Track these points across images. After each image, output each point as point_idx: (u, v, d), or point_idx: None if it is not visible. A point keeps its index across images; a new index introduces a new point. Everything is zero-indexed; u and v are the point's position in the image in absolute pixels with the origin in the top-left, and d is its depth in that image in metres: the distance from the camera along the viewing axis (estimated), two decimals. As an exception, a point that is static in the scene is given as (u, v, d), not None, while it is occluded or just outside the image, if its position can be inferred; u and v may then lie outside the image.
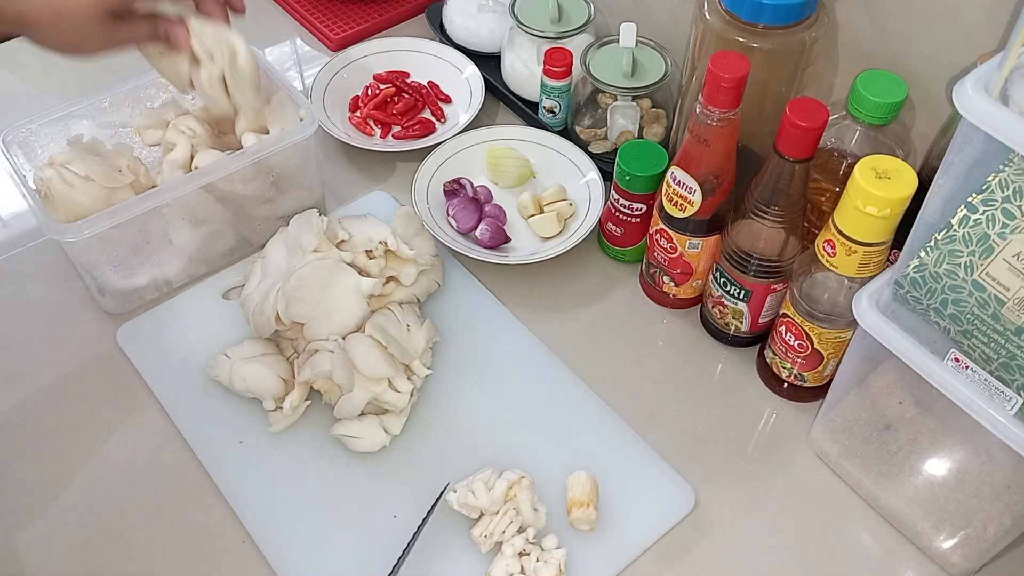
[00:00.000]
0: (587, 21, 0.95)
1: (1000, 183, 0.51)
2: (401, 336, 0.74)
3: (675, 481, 0.69)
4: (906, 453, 0.67)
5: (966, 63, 0.69)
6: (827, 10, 0.74)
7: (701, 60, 0.77)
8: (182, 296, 0.82)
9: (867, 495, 0.70)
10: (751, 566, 0.67)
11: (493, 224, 0.85)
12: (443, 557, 0.65)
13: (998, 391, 0.54)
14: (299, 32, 1.11)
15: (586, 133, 0.93)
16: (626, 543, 0.66)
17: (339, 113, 0.98)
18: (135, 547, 0.67)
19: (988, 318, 0.52)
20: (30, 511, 0.68)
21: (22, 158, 0.79)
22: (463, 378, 0.76)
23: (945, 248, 0.53)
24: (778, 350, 0.73)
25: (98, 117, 0.83)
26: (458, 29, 1.04)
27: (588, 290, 0.85)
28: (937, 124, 0.71)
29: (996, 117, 0.47)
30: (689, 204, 0.72)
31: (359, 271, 0.74)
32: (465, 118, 0.96)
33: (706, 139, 0.68)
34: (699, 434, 0.74)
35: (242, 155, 0.77)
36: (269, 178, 0.81)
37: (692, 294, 0.81)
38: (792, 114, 0.62)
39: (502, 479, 0.65)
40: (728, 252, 0.72)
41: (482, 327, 0.80)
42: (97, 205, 0.74)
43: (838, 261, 0.63)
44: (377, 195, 0.91)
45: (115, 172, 0.77)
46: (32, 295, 0.82)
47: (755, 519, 0.69)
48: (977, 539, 0.64)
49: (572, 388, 0.76)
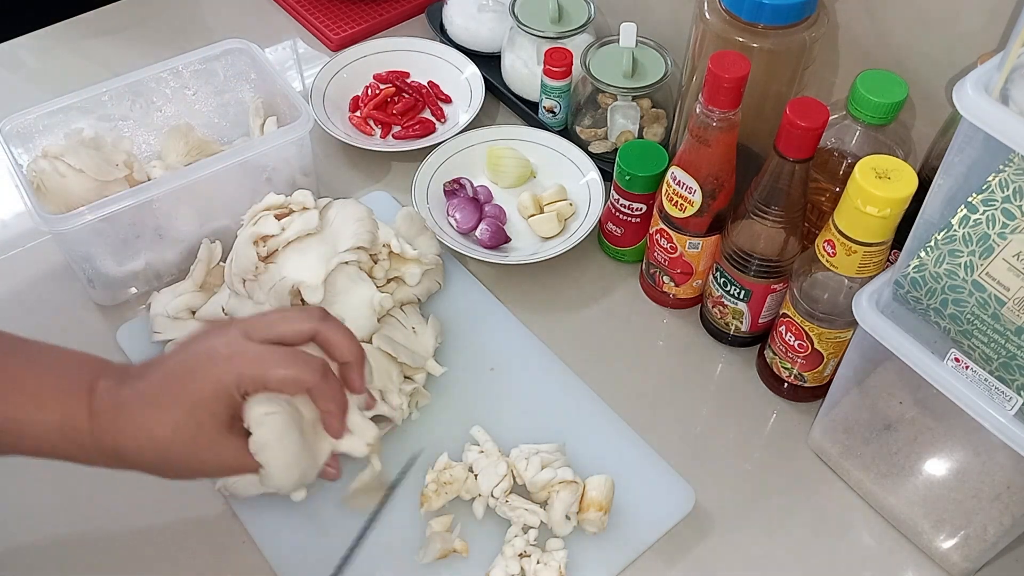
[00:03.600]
0: (587, 21, 0.95)
1: (1000, 183, 0.51)
2: (408, 340, 0.74)
3: (675, 481, 0.69)
4: (906, 453, 0.67)
5: (966, 63, 0.69)
6: (827, 10, 0.74)
7: (701, 60, 0.77)
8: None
9: (867, 495, 0.70)
10: (751, 566, 0.67)
11: (493, 224, 0.85)
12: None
13: (998, 391, 0.54)
14: (299, 32, 1.11)
15: (586, 133, 0.93)
16: (626, 543, 0.66)
17: (339, 113, 0.98)
18: (135, 546, 0.67)
19: (988, 318, 0.52)
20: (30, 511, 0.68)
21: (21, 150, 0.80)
22: (463, 378, 0.76)
23: (945, 248, 0.53)
24: (778, 350, 0.73)
25: (97, 111, 0.84)
26: (458, 29, 1.04)
27: (588, 290, 0.85)
28: (937, 124, 0.71)
29: (996, 117, 0.47)
30: (689, 204, 0.72)
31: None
32: (465, 118, 0.96)
33: (706, 139, 0.68)
34: (699, 434, 0.74)
35: (234, 153, 0.77)
36: (263, 176, 0.81)
37: (692, 294, 0.81)
38: (792, 114, 0.62)
39: (562, 470, 0.65)
40: (728, 252, 0.72)
41: (482, 327, 0.80)
42: (90, 197, 0.75)
43: (838, 261, 0.63)
44: (377, 195, 0.91)
45: (110, 166, 0.77)
46: (32, 295, 0.82)
47: (755, 519, 0.69)
48: (977, 539, 0.64)
49: (572, 388, 0.75)
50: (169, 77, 0.86)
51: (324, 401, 0.58)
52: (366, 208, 0.75)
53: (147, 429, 0.54)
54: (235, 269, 0.70)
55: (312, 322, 0.58)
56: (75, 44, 1.07)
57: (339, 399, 0.59)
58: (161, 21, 1.11)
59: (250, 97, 0.90)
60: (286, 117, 0.87)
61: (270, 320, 0.58)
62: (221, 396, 0.54)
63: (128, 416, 0.54)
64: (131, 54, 1.05)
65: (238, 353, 0.55)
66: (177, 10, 1.12)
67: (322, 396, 0.58)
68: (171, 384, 0.54)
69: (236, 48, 0.87)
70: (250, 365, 0.55)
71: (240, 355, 0.55)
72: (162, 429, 0.53)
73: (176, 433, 0.54)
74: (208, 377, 0.54)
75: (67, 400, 0.54)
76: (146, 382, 0.55)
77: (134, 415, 0.54)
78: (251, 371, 0.55)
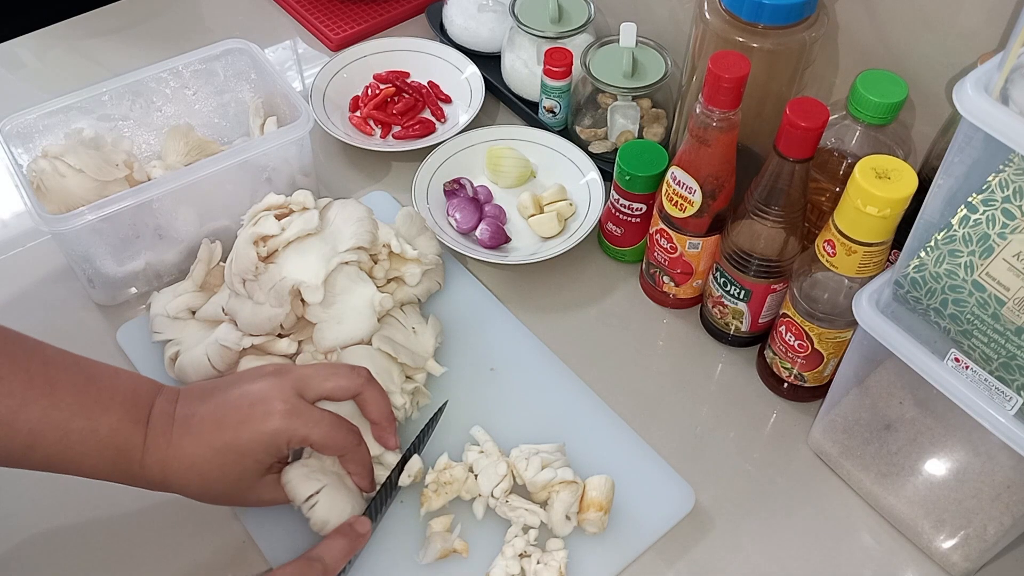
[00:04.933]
0: (587, 21, 0.95)
1: (1000, 183, 0.51)
2: (409, 341, 0.74)
3: (675, 481, 0.69)
4: (906, 453, 0.67)
5: (966, 63, 0.69)
6: (827, 10, 0.74)
7: (701, 60, 0.77)
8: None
9: (867, 495, 0.70)
10: (751, 566, 0.67)
11: (493, 224, 0.85)
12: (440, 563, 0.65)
13: (998, 391, 0.54)
14: (299, 32, 1.11)
15: (586, 133, 0.93)
16: (626, 543, 0.66)
17: (339, 113, 0.98)
18: (135, 546, 0.67)
19: (988, 318, 0.52)
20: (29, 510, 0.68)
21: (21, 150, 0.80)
22: (463, 378, 0.76)
23: (945, 248, 0.53)
24: (778, 350, 0.73)
25: (97, 111, 0.84)
26: (458, 29, 1.04)
27: (588, 290, 0.85)
28: (937, 124, 0.71)
29: (996, 117, 0.47)
30: (689, 204, 0.72)
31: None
32: (465, 118, 0.96)
33: (706, 139, 0.68)
34: (699, 434, 0.74)
35: (234, 153, 0.77)
36: (263, 176, 0.81)
37: (692, 294, 0.81)
38: (792, 114, 0.62)
39: (562, 470, 0.66)
40: (728, 252, 0.72)
41: (482, 327, 0.80)
42: (90, 197, 0.75)
43: (838, 261, 0.63)
44: (377, 195, 0.91)
45: (110, 166, 0.77)
46: (32, 295, 0.82)
47: (755, 519, 0.69)
48: (977, 539, 0.64)
49: (572, 388, 0.76)
50: (169, 77, 0.86)
51: (354, 465, 0.63)
52: (366, 208, 0.75)
53: (197, 467, 0.58)
54: (235, 269, 0.70)
55: (359, 381, 0.63)
56: (75, 44, 1.07)
57: (367, 462, 0.64)
58: (161, 21, 1.11)
59: (250, 97, 0.90)
60: (286, 117, 0.87)
61: (323, 376, 0.62)
62: (270, 449, 0.59)
63: (179, 450, 0.58)
64: (131, 54, 1.05)
65: (292, 411, 0.59)
66: (177, 10, 1.12)
67: (352, 460, 0.63)
68: (223, 428, 0.58)
69: (236, 48, 0.87)
70: (302, 426, 0.59)
71: (294, 414, 0.59)
72: (210, 468, 0.58)
73: (223, 473, 0.58)
74: (262, 429, 0.58)
75: (126, 424, 0.57)
76: (199, 419, 0.59)
77: (185, 449, 0.58)
78: (301, 432, 0.59)
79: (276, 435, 0.58)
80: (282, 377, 0.61)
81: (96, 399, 0.57)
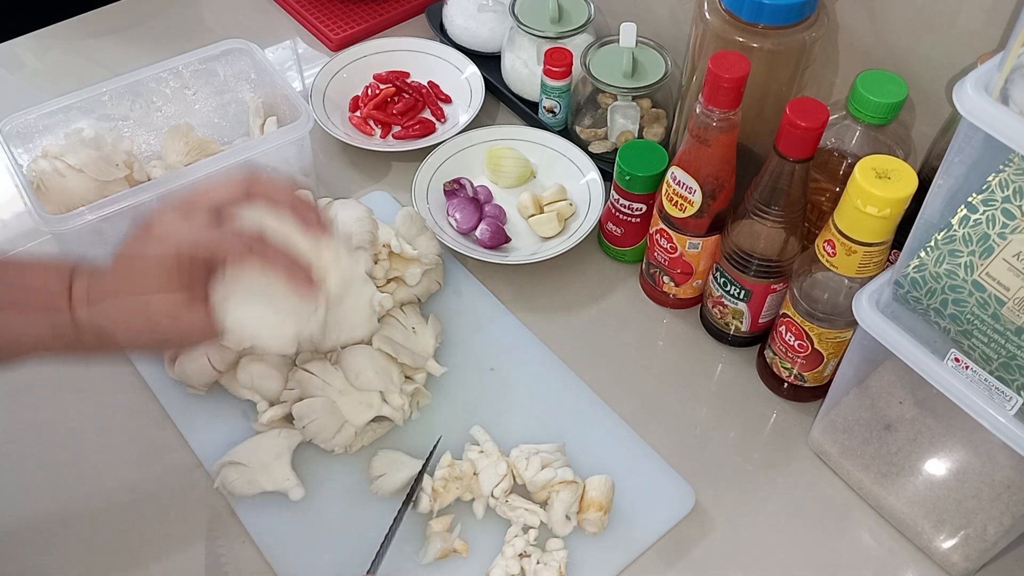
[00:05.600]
0: (587, 21, 0.95)
1: (1000, 183, 0.51)
2: (409, 341, 0.73)
3: (675, 481, 0.69)
4: (906, 453, 0.67)
5: (966, 63, 0.69)
6: (827, 10, 0.74)
7: (701, 60, 0.77)
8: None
9: (867, 495, 0.70)
10: (751, 566, 0.67)
11: (493, 224, 0.85)
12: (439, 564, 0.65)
13: (998, 391, 0.54)
14: (299, 32, 1.11)
15: (586, 133, 0.93)
16: (626, 543, 0.66)
17: (339, 113, 0.98)
18: (134, 546, 0.67)
19: (988, 318, 0.52)
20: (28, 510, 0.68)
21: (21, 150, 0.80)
22: (463, 378, 0.76)
23: (945, 248, 0.53)
24: (778, 350, 0.73)
25: (97, 111, 0.84)
26: (458, 29, 1.04)
27: (588, 290, 0.85)
28: (937, 124, 0.71)
29: (996, 117, 0.47)
30: (689, 204, 0.72)
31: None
32: (465, 118, 0.96)
33: (706, 139, 0.68)
34: (699, 434, 0.74)
35: (234, 153, 0.77)
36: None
37: (692, 294, 0.81)
38: (792, 114, 0.62)
39: (562, 470, 0.65)
40: (728, 252, 0.72)
41: (482, 327, 0.80)
42: (90, 197, 0.75)
43: (838, 261, 0.63)
44: (377, 195, 0.91)
45: (110, 166, 0.77)
46: (32, 295, 0.82)
47: (755, 519, 0.69)
48: (977, 539, 0.64)
49: (572, 388, 0.76)
50: (169, 77, 0.86)
51: (277, 266, 0.59)
52: (366, 208, 0.75)
53: (126, 322, 0.57)
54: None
55: (241, 176, 0.60)
56: (75, 44, 1.07)
57: (287, 261, 0.59)
58: (161, 21, 1.11)
59: (250, 97, 0.90)
60: (286, 117, 0.87)
61: (204, 189, 0.60)
62: (181, 263, 0.57)
63: (106, 314, 0.57)
64: (131, 54, 1.05)
65: (176, 232, 0.57)
66: (177, 10, 1.12)
67: (271, 262, 0.59)
68: (130, 275, 0.58)
69: (236, 48, 0.87)
70: (190, 231, 0.57)
71: (182, 220, 0.58)
72: (139, 317, 0.57)
73: (155, 310, 0.57)
74: (161, 253, 0.57)
75: (50, 315, 0.57)
76: (111, 279, 0.58)
77: (107, 290, 0.57)
78: (190, 237, 0.57)
79: (179, 250, 0.57)
80: (170, 207, 0.59)
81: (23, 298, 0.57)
